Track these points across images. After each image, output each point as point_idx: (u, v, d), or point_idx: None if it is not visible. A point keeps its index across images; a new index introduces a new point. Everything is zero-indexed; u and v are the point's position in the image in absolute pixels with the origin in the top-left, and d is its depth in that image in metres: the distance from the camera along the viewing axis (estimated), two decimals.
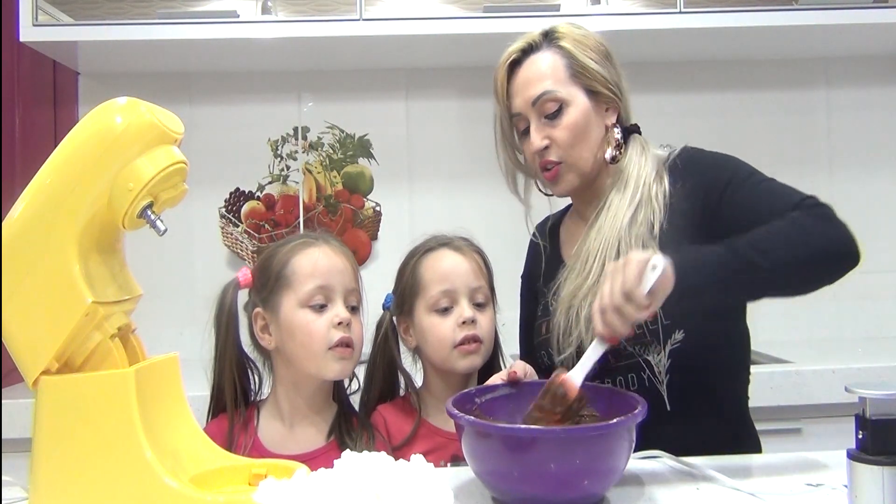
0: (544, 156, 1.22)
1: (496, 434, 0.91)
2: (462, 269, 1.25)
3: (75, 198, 0.85)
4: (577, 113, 1.20)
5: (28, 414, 0.87)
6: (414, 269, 1.28)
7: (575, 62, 1.22)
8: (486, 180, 2.34)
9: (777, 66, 2.41)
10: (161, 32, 1.99)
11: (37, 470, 0.87)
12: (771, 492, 0.95)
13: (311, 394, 1.21)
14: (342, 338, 1.16)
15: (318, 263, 1.19)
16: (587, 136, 1.21)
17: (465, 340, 1.22)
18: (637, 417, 0.90)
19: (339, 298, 1.18)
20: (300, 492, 0.74)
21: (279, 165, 2.37)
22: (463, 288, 1.24)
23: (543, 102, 1.20)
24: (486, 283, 1.27)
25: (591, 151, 1.22)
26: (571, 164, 1.21)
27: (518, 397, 1.08)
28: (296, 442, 1.19)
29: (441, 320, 1.24)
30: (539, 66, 1.23)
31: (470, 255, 1.27)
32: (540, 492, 0.88)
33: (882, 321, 2.32)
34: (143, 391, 0.87)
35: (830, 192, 1.12)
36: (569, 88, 1.21)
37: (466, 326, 1.22)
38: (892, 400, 0.80)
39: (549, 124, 1.21)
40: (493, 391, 1.09)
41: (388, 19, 2.02)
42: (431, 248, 1.28)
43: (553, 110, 1.20)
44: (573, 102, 1.21)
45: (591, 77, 1.22)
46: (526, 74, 1.24)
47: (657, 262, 0.95)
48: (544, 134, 1.21)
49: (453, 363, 1.23)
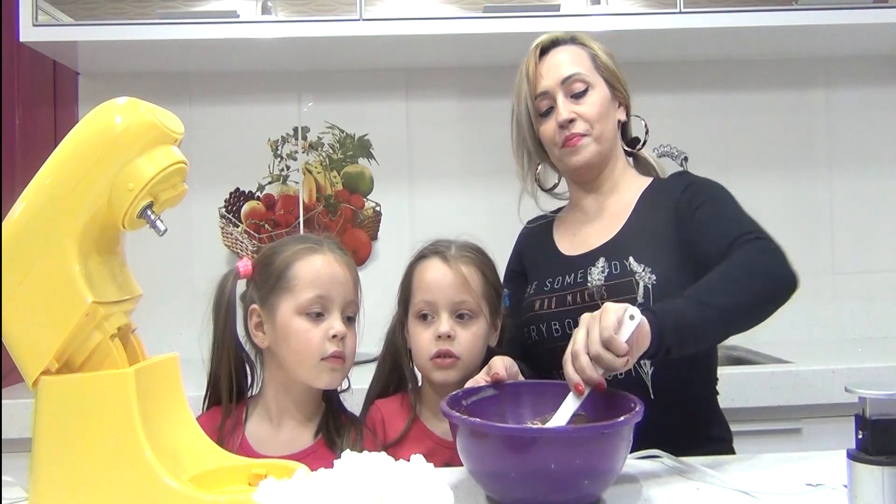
0: (569, 129, 1.30)
1: (495, 434, 0.91)
2: (445, 282, 1.22)
3: (75, 198, 0.85)
4: (601, 96, 1.32)
5: (28, 414, 0.87)
6: (408, 274, 1.29)
7: (597, 57, 1.35)
8: (486, 180, 2.36)
9: (777, 66, 2.41)
10: (161, 32, 1.99)
11: (37, 470, 0.86)
12: (771, 492, 0.95)
13: (300, 396, 1.21)
14: (335, 351, 1.16)
15: (321, 272, 1.18)
16: (608, 117, 1.33)
17: (438, 354, 1.21)
18: (636, 417, 0.90)
19: (336, 309, 1.18)
20: (300, 492, 0.74)
21: (279, 165, 2.37)
22: (444, 301, 1.22)
23: (573, 82, 1.31)
24: (476, 296, 1.23)
25: (611, 133, 1.34)
26: (596, 137, 1.31)
27: (502, 398, 1.07)
28: (282, 442, 1.19)
29: (422, 329, 1.24)
30: (568, 54, 1.35)
31: (456, 268, 1.23)
32: (538, 492, 0.88)
33: (882, 321, 2.31)
34: (143, 391, 0.87)
35: (830, 192, 1.12)
36: (594, 76, 1.33)
37: (441, 341, 1.21)
38: (892, 400, 0.80)
39: (576, 102, 1.31)
40: (478, 393, 1.08)
41: (388, 19, 2.02)
42: (424, 256, 1.28)
43: (580, 90, 1.31)
44: (597, 87, 1.33)
45: (609, 72, 1.35)
46: (556, 58, 1.34)
47: (634, 313, 0.95)
48: (571, 109, 1.30)
49: (429, 373, 1.24)
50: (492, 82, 2.35)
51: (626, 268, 1.23)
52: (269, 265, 1.21)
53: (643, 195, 1.33)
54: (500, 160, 2.42)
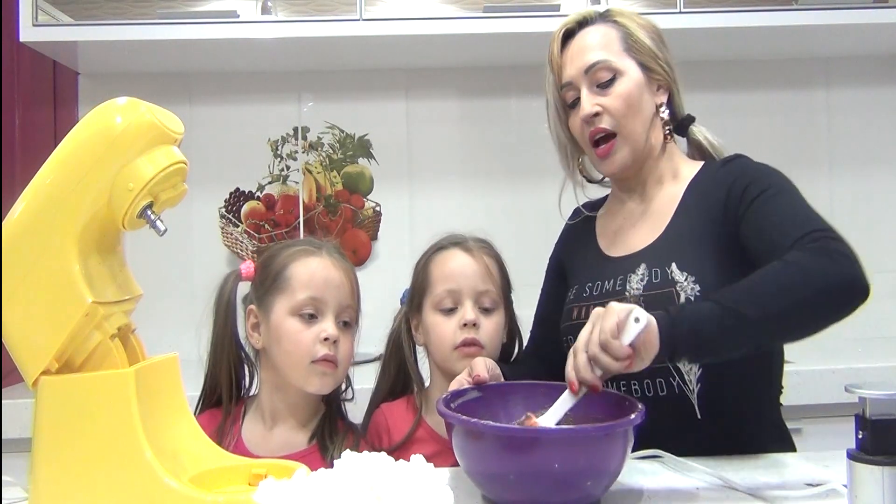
0: (595, 123, 1.18)
1: (494, 434, 0.90)
2: (469, 271, 1.23)
3: (75, 198, 0.85)
4: (631, 84, 1.19)
5: (28, 414, 0.87)
6: (424, 266, 1.27)
7: (629, 35, 1.21)
8: (486, 180, 2.36)
9: (777, 66, 2.41)
10: (161, 32, 1.99)
11: (37, 470, 0.86)
12: (771, 492, 0.95)
13: (294, 399, 1.20)
14: (326, 354, 1.15)
15: (315, 274, 1.18)
16: (640, 108, 1.19)
17: (465, 343, 1.21)
18: (635, 420, 0.90)
19: (330, 313, 1.17)
20: (300, 492, 0.74)
21: (279, 165, 2.37)
22: (468, 290, 1.23)
23: (597, 71, 1.18)
24: (497, 287, 1.25)
25: (643, 126, 1.20)
26: (626, 135, 1.18)
27: (485, 401, 1.06)
28: (274, 444, 1.19)
29: (444, 320, 1.23)
30: (594, 37, 1.21)
31: (479, 258, 1.25)
32: (540, 493, 0.88)
33: (882, 321, 2.31)
34: (143, 391, 0.87)
35: (830, 192, 1.12)
36: (623, 60, 1.19)
37: (467, 329, 1.21)
38: (892, 400, 0.80)
39: (601, 93, 1.19)
40: (463, 395, 1.06)
41: (388, 19, 2.01)
42: (443, 247, 1.28)
43: (606, 79, 1.18)
44: (626, 73, 1.19)
45: (645, 52, 1.21)
46: (580, 44, 1.22)
47: (640, 315, 0.91)
48: (595, 101, 1.18)
49: (453, 364, 1.22)
50: (492, 82, 2.35)
51: (668, 276, 1.12)
52: (267, 266, 1.21)
53: (691, 186, 1.20)
54: (501, 160, 2.44)
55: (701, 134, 1.28)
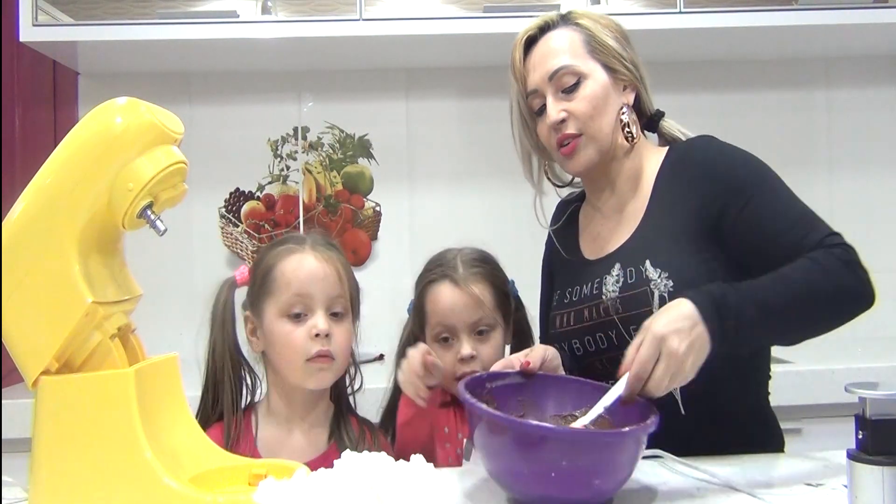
0: (561, 130, 1.17)
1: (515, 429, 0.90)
2: (460, 306, 1.26)
3: (75, 198, 0.85)
4: (596, 86, 1.18)
5: (28, 414, 0.87)
6: (420, 297, 1.30)
7: (593, 38, 1.20)
8: (485, 180, 2.36)
9: (777, 66, 2.41)
10: (161, 32, 1.99)
11: (37, 470, 0.86)
12: (771, 492, 0.95)
13: (304, 398, 1.20)
14: (319, 350, 1.14)
15: (298, 272, 1.16)
16: (605, 109, 1.18)
17: (464, 376, 1.19)
18: (650, 427, 0.90)
19: (318, 307, 1.16)
20: (300, 492, 0.74)
21: (279, 165, 2.37)
22: (461, 324, 1.26)
23: (561, 76, 1.17)
24: (490, 311, 1.27)
25: (609, 126, 1.19)
26: (591, 135, 1.17)
27: (527, 388, 1.05)
28: (294, 448, 1.17)
29: (443, 352, 1.26)
30: (556, 42, 1.20)
31: (469, 290, 1.26)
32: (557, 491, 0.87)
33: (882, 321, 2.29)
34: (142, 391, 0.87)
35: (830, 192, 1.12)
36: (587, 63, 1.19)
37: (465, 363, 1.24)
38: (892, 400, 0.80)
39: (567, 98, 1.18)
40: (503, 378, 1.05)
41: (388, 19, 2.02)
42: (433, 280, 1.29)
43: (570, 84, 1.17)
44: (591, 76, 1.18)
45: (609, 53, 1.20)
46: (542, 50, 1.21)
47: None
48: (561, 107, 1.17)
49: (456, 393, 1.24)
50: (492, 82, 2.33)
51: (642, 275, 1.12)
52: (256, 270, 1.21)
53: (659, 175, 1.20)
54: (500, 160, 2.42)
55: (672, 128, 1.28)
